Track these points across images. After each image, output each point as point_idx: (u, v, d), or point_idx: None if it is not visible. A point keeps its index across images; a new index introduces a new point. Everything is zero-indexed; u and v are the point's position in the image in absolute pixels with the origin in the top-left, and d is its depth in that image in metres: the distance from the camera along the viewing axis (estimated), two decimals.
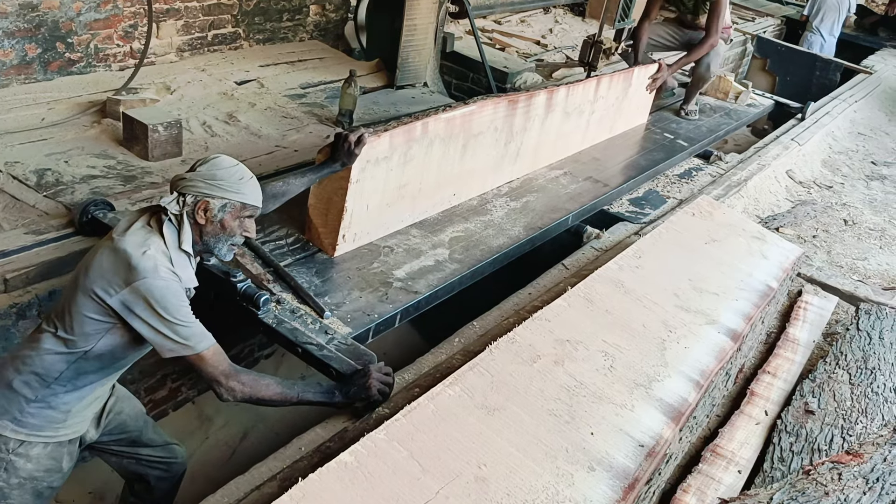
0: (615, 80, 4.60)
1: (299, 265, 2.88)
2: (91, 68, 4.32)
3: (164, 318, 1.96)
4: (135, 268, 1.94)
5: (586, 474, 2.10)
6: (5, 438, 2.05)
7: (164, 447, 2.52)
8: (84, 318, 1.98)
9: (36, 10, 3.95)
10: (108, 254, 1.98)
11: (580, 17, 8.84)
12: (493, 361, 2.41)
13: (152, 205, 2.12)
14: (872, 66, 8.76)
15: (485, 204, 3.66)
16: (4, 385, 2.05)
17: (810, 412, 2.77)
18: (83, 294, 1.97)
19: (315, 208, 2.96)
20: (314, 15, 5.65)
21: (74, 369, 2.04)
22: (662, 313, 2.92)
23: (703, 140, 5.18)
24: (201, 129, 4.06)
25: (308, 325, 2.53)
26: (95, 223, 2.94)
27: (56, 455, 2.13)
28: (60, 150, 3.55)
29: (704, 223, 3.70)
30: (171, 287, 1.97)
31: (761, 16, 10.45)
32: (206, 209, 2.06)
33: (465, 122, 3.34)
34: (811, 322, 3.50)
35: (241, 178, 2.10)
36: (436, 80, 5.53)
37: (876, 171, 6.05)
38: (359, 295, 2.80)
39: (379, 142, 2.88)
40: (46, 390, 2.04)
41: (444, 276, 3.02)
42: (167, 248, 2.01)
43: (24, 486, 2.11)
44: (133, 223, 2.04)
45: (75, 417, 2.13)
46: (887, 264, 4.45)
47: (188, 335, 2.01)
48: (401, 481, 1.90)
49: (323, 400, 2.26)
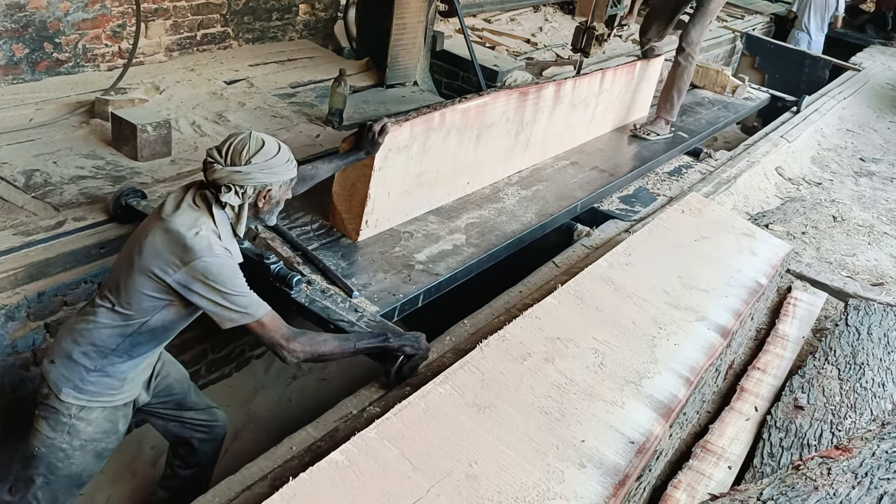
0: (619, 74, 4.74)
1: (325, 249, 3.03)
2: (79, 68, 4.30)
3: (223, 292, 2.10)
4: (190, 248, 2.07)
5: (577, 471, 2.10)
6: (68, 405, 2.23)
7: (206, 410, 2.69)
8: (141, 296, 2.14)
9: (23, 10, 3.93)
10: (160, 234, 2.11)
11: (570, 16, 8.85)
12: (484, 359, 2.41)
13: (195, 181, 2.25)
14: (861, 63, 8.80)
15: (497, 192, 3.81)
16: (65, 356, 2.22)
17: (800, 408, 2.78)
18: (140, 273, 2.12)
19: (339, 195, 3.10)
20: (303, 14, 5.63)
21: (130, 341, 2.21)
22: (652, 310, 2.93)
23: (703, 132, 5.30)
24: (190, 128, 4.04)
25: (338, 303, 2.68)
26: (129, 211, 3.07)
27: (113, 418, 2.32)
28: (49, 151, 3.53)
29: (694, 220, 3.71)
30: (226, 262, 2.12)
31: (750, 13, 10.48)
32: (267, 195, 2.21)
33: (479, 113, 3.48)
34: (800, 318, 3.51)
35: (288, 160, 2.24)
36: (426, 78, 5.52)
37: (864, 167, 6.08)
38: (383, 276, 2.95)
39: (400, 131, 3.02)
40: (104, 360, 2.22)
41: (462, 260, 3.17)
42: (216, 227, 2.15)
43: (85, 448, 2.30)
44: (180, 203, 2.16)
45: (130, 383, 2.31)
46: (876, 260, 4.47)
47: (246, 304, 2.14)
48: (392, 480, 1.90)
49: (378, 344, 2.37)
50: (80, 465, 2.33)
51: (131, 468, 3.22)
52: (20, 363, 2.83)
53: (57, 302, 2.86)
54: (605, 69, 4.67)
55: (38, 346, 2.86)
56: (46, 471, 2.31)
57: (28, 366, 2.86)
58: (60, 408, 2.24)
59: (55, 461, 2.29)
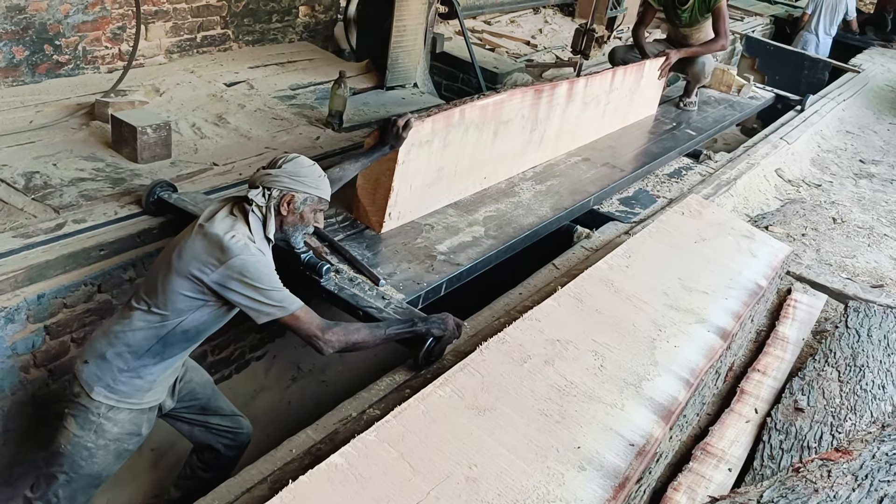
0: (629, 73, 4.85)
1: (350, 240, 3.14)
2: (79, 70, 4.30)
3: (259, 288, 2.23)
4: (227, 248, 2.22)
5: (577, 474, 2.10)
6: (97, 403, 2.34)
7: (231, 417, 2.80)
8: (179, 296, 2.27)
9: (23, 12, 3.93)
10: (199, 239, 2.26)
11: (570, 17, 8.85)
12: (484, 362, 2.41)
13: (235, 195, 2.42)
14: (860, 64, 8.79)
15: (512, 187, 3.92)
16: (98, 356, 2.34)
17: (800, 410, 2.78)
18: (178, 276, 2.26)
19: (363, 188, 3.20)
20: (303, 16, 5.64)
21: (163, 343, 2.33)
22: (652, 312, 2.93)
23: (710, 129, 5.42)
24: (190, 130, 4.04)
25: (366, 291, 2.77)
26: (161, 203, 3.15)
27: (137, 421, 2.43)
28: (49, 153, 3.53)
29: (694, 222, 3.71)
30: (261, 259, 2.26)
31: (750, 15, 10.49)
32: (290, 202, 2.35)
33: (496, 110, 3.59)
34: (800, 320, 3.51)
35: (320, 176, 2.41)
36: (426, 80, 5.53)
37: (864, 169, 6.08)
38: (407, 266, 3.06)
39: (423, 126, 3.13)
40: (137, 362, 2.33)
41: (482, 251, 3.27)
42: (251, 234, 2.28)
43: (108, 448, 2.40)
44: (217, 212, 2.32)
45: (158, 386, 2.43)
46: (875, 262, 4.47)
47: (281, 299, 2.26)
48: (391, 483, 1.90)
49: (407, 329, 2.47)
50: (101, 465, 2.43)
51: (131, 470, 3.20)
52: (20, 365, 2.83)
53: (57, 304, 2.86)
54: (615, 68, 4.78)
55: (37, 348, 2.86)
56: (69, 468, 2.40)
57: (28, 368, 2.86)
58: (90, 406, 2.35)
59: (79, 459, 2.39)
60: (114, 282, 3.02)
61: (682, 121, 5.46)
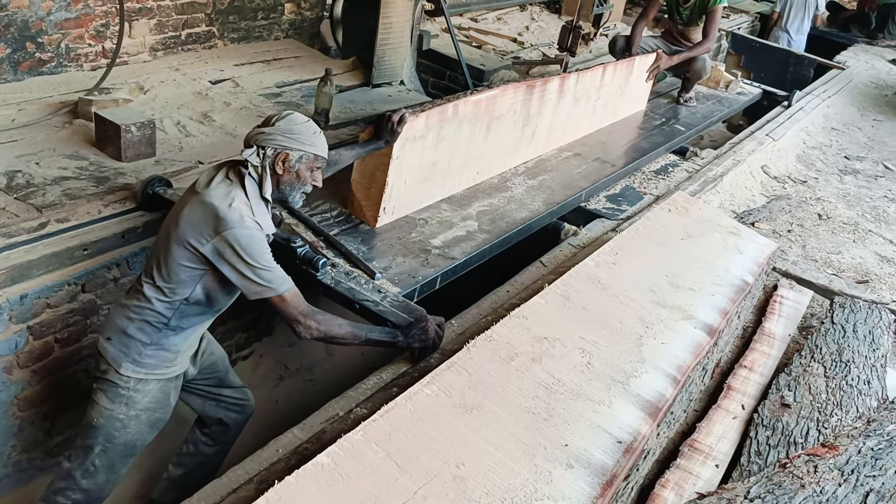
0: (619, 69, 4.89)
1: (345, 235, 3.14)
2: (62, 68, 4.26)
3: (250, 264, 2.23)
4: (223, 219, 2.21)
5: (564, 471, 2.10)
6: (126, 378, 2.40)
7: (240, 389, 2.88)
8: (179, 267, 2.29)
9: (4, 9, 3.88)
10: (196, 207, 2.26)
11: (556, 15, 8.85)
12: (471, 360, 2.40)
13: (230, 159, 2.40)
14: (845, 61, 8.85)
15: (505, 182, 3.94)
16: (120, 332, 2.39)
17: (786, 405, 2.79)
18: (177, 244, 2.27)
19: (358, 183, 3.22)
20: (289, 13, 5.61)
21: (179, 314, 2.37)
22: (639, 309, 2.93)
23: (698, 125, 5.48)
24: (175, 129, 4.01)
25: (362, 285, 2.80)
26: (156, 199, 3.18)
27: (165, 390, 2.49)
28: (31, 152, 3.50)
29: (680, 219, 3.72)
30: (255, 235, 2.25)
31: (735, 12, 10.53)
32: (285, 160, 2.33)
33: (489, 105, 3.61)
34: (786, 316, 3.53)
35: (315, 133, 2.38)
36: (412, 78, 5.51)
37: (849, 165, 6.12)
38: (402, 260, 3.07)
39: (417, 121, 3.13)
40: (159, 334, 2.38)
41: (476, 245, 3.29)
42: (248, 199, 2.28)
43: (140, 418, 2.47)
44: (213, 178, 2.31)
45: (182, 356, 2.49)
46: (861, 258, 4.50)
47: (271, 278, 2.27)
48: (378, 482, 1.89)
49: (387, 339, 2.50)
50: (135, 434, 2.49)
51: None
52: (2, 367, 2.80)
53: (40, 304, 2.83)
54: (606, 64, 4.81)
55: (20, 349, 2.83)
56: (104, 440, 2.46)
57: (11, 369, 2.83)
58: (119, 381, 2.40)
59: (112, 430, 2.45)
60: (98, 281, 3.00)
61: (672, 116, 5.51)
